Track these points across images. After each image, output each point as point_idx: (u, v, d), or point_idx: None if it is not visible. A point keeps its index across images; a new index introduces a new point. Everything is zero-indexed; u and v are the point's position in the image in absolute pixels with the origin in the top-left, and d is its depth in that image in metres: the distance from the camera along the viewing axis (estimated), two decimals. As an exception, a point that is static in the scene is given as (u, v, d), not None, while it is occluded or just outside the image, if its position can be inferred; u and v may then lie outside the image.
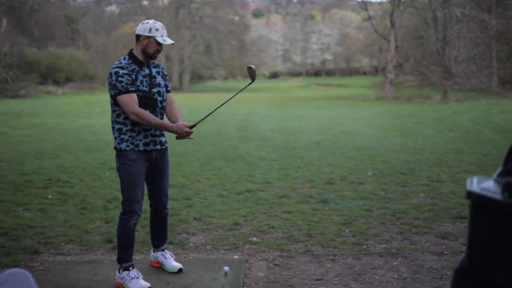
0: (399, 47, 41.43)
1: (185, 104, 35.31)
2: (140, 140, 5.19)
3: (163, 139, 5.40)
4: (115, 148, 5.20)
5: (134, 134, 5.15)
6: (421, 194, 8.99)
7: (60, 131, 18.91)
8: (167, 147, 5.48)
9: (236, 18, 73.51)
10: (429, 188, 9.45)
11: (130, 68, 5.06)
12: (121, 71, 5.01)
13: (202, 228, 7.22)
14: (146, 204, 5.54)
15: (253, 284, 5.33)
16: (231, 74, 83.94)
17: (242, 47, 75.89)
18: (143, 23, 5.13)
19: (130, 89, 5.02)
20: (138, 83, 5.07)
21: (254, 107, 32.56)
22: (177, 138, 5.42)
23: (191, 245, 6.55)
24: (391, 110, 28.51)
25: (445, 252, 6.17)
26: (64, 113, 27.44)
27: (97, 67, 57.07)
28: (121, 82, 4.99)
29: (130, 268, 5.23)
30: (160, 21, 5.23)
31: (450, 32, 39.75)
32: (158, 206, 5.58)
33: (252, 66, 5.50)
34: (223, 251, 6.33)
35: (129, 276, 5.18)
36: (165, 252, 5.75)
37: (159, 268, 5.71)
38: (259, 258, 6.08)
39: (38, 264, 5.93)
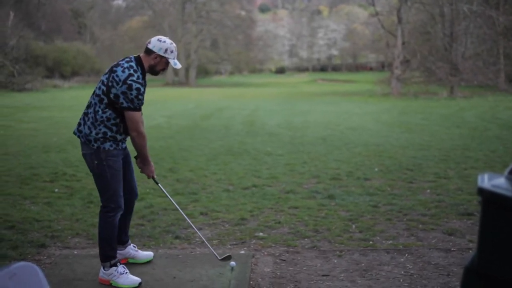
0: (406, 43, 41.30)
1: (191, 99, 35.33)
2: (120, 142, 5.15)
3: None
4: (97, 147, 5.07)
5: (115, 139, 5.11)
6: (428, 191, 8.96)
7: (66, 124, 18.92)
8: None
9: (243, 13, 73.39)
10: (436, 184, 9.42)
11: (144, 86, 5.03)
12: (142, 89, 4.93)
13: (208, 223, 7.21)
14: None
15: (259, 279, 5.33)
16: (237, 69, 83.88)
17: (248, 42, 75.76)
18: (159, 41, 5.03)
19: (140, 108, 5.01)
20: (144, 99, 5.08)
21: (260, 102, 32.53)
22: (141, 170, 5.38)
23: (197, 239, 6.54)
24: (398, 106, 28.44)
25: (452, 249, 6.15)
26: (70, 107, 27.47)
27: (103, 61, 57.07)
28: (139, 100, 4.93)
29: (118, 264, 5.21)
30: (167, 16, 5.22)
31: (457, 28, 39.60)
32: (132, 199, 5.52)
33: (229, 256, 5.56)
34: (229, 246, 6.33)
35: (118, 272, 5.16)
36: (133, 246, 5.77)
37: (165, 262, 5.70)
38: (265, 253, 6.08)
39: (45, 257, 5.94)
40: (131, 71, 4.92)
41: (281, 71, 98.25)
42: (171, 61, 5.07)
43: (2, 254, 5.87)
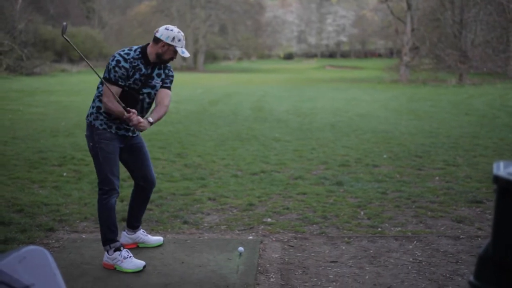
0: (415, 30, 41.13)
1: (199, 84, 35.32)
2: (114, 124, 5.15)
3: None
4: (89, 122, 5.17)
5: (108, 117, 5.13)
6: (437, 178, 8.93)
7: (74, 109, 18.96)
8: (138, 134, 5.41)
9: (252, -1, 73.19)
10: (444, 171, 9.39)
11: (133, 64, 5.02)
12: (122, 62, 4.98)
13: (216, 208, 7.21)
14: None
15: (268, 265, 5.32)
16: (246, 55, 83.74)
17: (257, 27, 75.62)
18: (167, 29, 5.05)
19: (119, 83, 5.00)
20: (131, 81, 5.04)
21: (268, 88, 32.48)
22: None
23: (205, 225, 6.54)
24: (407, 93, 28.34)
25: (461, 236, 6.13)
26: (78, 91, 27.50)
27: (111, 46, 57.05)
28: (116, 72, 4.97)
29: (121, 248, 5.21)
30: (175, 1, 5.25)
31: (467, 15, 39.35)
32: (145, 187, 5.53)
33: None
34: (237, 232, 6.32)
35: (122, 256, 5.15)
36: (143, 230, 5.78)
37: (173, 247, 5.71)
38: (273, 239, 6.07)
39: (53, 241, 5.95)
40: (126, 50, 5.06)
41: (289, 57, 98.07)
42: (178, 49, 5.05)
43: (11, 238, 5.88)
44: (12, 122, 15.39)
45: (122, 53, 5.03)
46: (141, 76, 5.07)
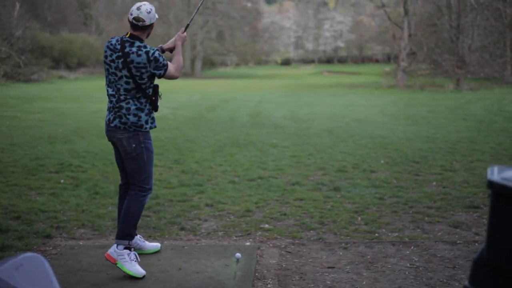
0: (412, 35, 41.14)
1: (197, 90, 35.31)
2: (154, 119, 5.39)
3: None
4: (145, 129, 5.25)
5: (152, 115, 5.36)
6: (434, 183, 8.95)
7: (72, 115, 18.95)
8: None
9: (249, 4, 73.15)
10: (442, 177, 9.40)
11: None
12: (157, 50, 5.22)
13: (214, 215, 7.21)
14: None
15: (265, 271, 5.33)
16: (243, 61, 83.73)
17: (254, 33, 75.58)
18: (148, 12, 5.14)
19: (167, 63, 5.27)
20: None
21: (266, 93, 32.49)
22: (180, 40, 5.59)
23: (203, 231, 6.55)
24: (404, 99, 28.37)
25: (458, 242, 6.14)
26: (76, 98, 27.51)
27: (109, 52, 56.91)
28: (164, 59, 5.20)
29: (132, 249, 5.23)
30: (172, 7, 5.34)
31: (464, 20, 39.40)
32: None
33: None
34: (235, 238, 6.33)
35: (129, 257, 5.16)
36: (139, 236, 5.79)
37: (171, 254, 5.71)
38: (271, 245, 6.08)
39: (51, 248, 5.95)
40: (144, 50, 5.13)
41: (286, 63, 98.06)
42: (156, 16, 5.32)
43: (8, 245, 5.88)
44: (9, 128, 15.38)
45: (151, 48, 5.16)
46: None
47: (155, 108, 5.30)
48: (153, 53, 5.11)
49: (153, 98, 5.27)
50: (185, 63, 62.95)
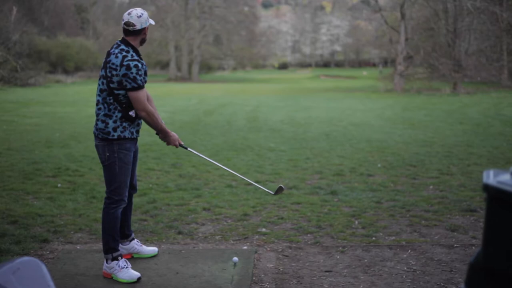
0: (409, 39, 41.21)
1: (194, 94, 35.31)
2: (134, 128, 5.23)
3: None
4: (113, 136, 5.09)
5: (131, 123, 5.17)
6: (431, 187, 8.96)
7: (69, 120, 18.94)
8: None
9: (246, 9, 73.26)
10: (439, 180, 9.41)
11: (141, 62, 5.09)
12: (140, 65, 5.00)
13: (211, 219, 7.22)
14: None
15: (262, 275, 5.33)
16: (240, 65, 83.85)
17: (251, 37, 75.69)
18: (138, 16, 5.08)
19: (144, 85, 5.07)
20: (146, 78, 5.14)
21: (263, 98, 32.50)
22: (166, 144, 5.46)
23: (200, 235, 6.55)
24: (401, 102, 28.40)
25: (455, 245, 6.15)
26: (73, 102, 27.48)
27: (106, 57, 56.97)
28: (141, 76, 4.99)
29: (119, 258, 5.23)
30: (170, 11, 5.33)
31: (460, 24, 39.48)
32: (131, 193, 5.59)
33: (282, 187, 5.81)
34: (232, 242, 6.33)
35: (119, 266, 5.18)
36: (137, 241, 5.79)
37: (168, 257, 5.71)
38: (268, 249, 6.08)
39: (48, 252, 5.95)
40: (123, 53, 5.02)
41: (284, 67, 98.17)
42: (150, 21, 5.25)
43: (5, 249, 5.88)
44: (6, 133, 15.37)
45: (129, 58, 4.98)
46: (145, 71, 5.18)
47: (126, 117, 5.10)
48: (129, 60, 4.96)
49: (123, 105, 5.07)
50: (183, 68, 63.05)
